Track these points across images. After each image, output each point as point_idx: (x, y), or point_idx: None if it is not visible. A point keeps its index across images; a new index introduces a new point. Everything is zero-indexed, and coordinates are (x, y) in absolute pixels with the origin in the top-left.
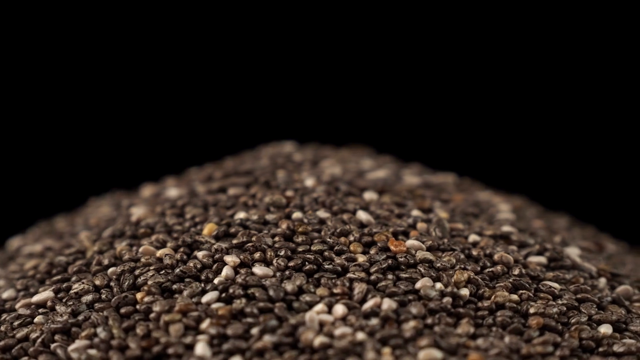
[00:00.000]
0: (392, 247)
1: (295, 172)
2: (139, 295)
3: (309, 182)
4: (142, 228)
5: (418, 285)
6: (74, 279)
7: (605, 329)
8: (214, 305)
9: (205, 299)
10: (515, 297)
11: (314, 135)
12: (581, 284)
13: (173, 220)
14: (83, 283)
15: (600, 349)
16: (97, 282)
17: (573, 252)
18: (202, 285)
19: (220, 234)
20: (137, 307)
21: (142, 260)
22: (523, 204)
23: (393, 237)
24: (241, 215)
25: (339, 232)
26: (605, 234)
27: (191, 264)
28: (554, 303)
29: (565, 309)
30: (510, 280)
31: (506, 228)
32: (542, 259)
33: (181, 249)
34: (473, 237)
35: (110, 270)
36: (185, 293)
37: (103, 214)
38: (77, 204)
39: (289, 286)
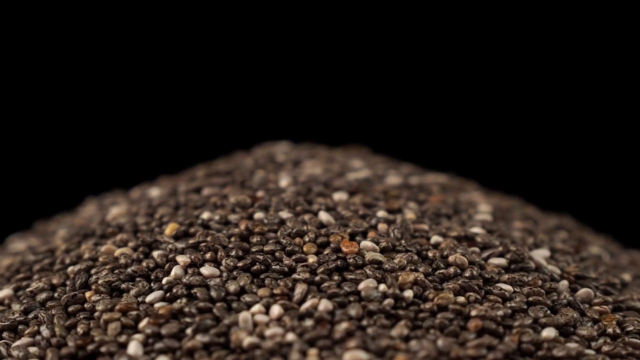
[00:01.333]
0: (343, 248)
1: (273, 173)
2: (87, 294)
3: (283, 182)
4: (110, 227)
5: (361, 286)
6: (35, 277)
7: (548, 333)
8: (157, 305)
9: (149, 298)
10: (462, 299)
11: (318, 135)
12: (536, 287)
13: (142, 219)
14: (40, 281)
15: (539, 353)
16: (54, 281)
17: (541, 254)
18: (150, 284)
19: (180, 234)
20: (85, 305)
21: (100, 259)
22: (516, 204)
23: (350, 238)
24: (205, 215)
25: (295, 232)
26: (604, 234)
27: (144, 264)
28: (500, 305)
29: (511, 311)
30: (459, 282)
31: (475, 229)
32: (502, 261)
33: (140, 249)
34: (435, 239)
35: (70, 269)
36: (132, 292)
37: (88, 213)
38: (79, 203)
39: (231, 286)
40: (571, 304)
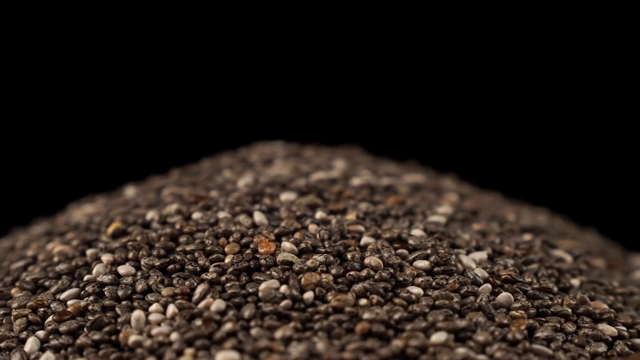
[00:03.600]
0: (260, 249)
1: (239, 173)
2: (13, 291)
3: (241, 183)
4: (66, 226)
5: (262, 287)
6: None
7: (437, 337)
8: (69, 302)
9: (63, 295)
10: (364, 301)
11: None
12: (452, 290)
13: (98, 218)
14: None
15: (423, 357)
16: None
17: (477, 256)
18: (71, 282)
19: (118, 233)
20: (8, 302)
21: (40, 257)
22: (492, 204)
23: (276, 238)
24: (149, 215)
25: (222, 232)
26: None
27: (73, 262)
28: (400, 309)
29: (410, 315)
30: (365, 284)
31: (416, 231)
32: (425, 264)
33: (79, 247)
34: (365, 240)
35: (13, 266)
36: (52, 289)
37: (71, 213)
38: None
39: (139, 286)
40: (482, 308)
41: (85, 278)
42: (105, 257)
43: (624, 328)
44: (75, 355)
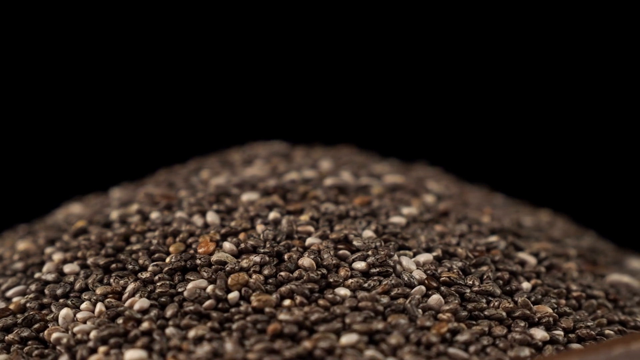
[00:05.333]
0: (199, 249)
1: (215, 173)
2: None
3: (213, 183)
4: (42, 225)
5: (189, 286)
6: None
7: (347, 339)
8: (14, 299)
9: (10, 292)
10: (287, 302)
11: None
12: (377, 292)
13: (74, 218)
14: None
15: (328, 359)
16: None
17: (422, 258)
18: (20, 280)
19: (79, 232)
20: None
21: (6, 254)
22: (481, 202)
23: (221, 238)
24: (113, 215)
25: (170, 232)
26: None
27: (30, 260)
28: (320, 310)
29: (328, 316)
30: (288, 286)
31: (367, 232)
32: (362, 265)
33: (42, 246)
34: (310, 240)
35: None
36: (3, 286)
37: (56, 212)
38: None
39: (77, 284)
40: (407, 311)
41: (36, 276)
42: (57, 256)
43: (561, 333)
44: (1, 351)
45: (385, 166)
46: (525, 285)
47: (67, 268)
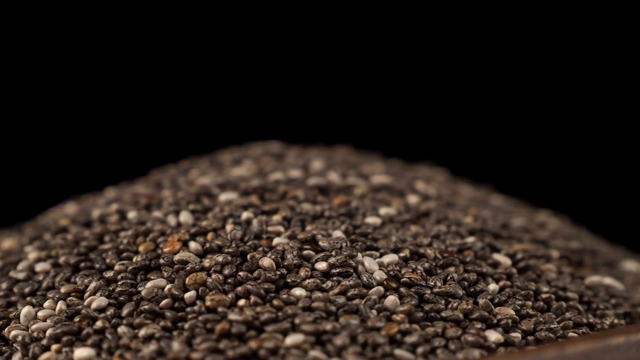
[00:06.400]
0: (164, 249)
1: (202, 173)
2: None
3: (197, 183)
4: (31, 224)
5: (148, 285)
6: None
7: (293, 339)
8: None
9: None
10: (242, 302)
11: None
12: (333, 292)
13: (61, 217)
14: None
15: (271, 359)
16: None
17: (387, 259)
18: None
19: (59, 231)
20: None
21: None
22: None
23: (190, 238)
24: (94, 214)
25: (142, 232)
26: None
27: (9, 259)
28: (273, 310)
29: (278, 317)
30: (247, 285)
31: (336, 233)
32: (324, 265)
33: (24, 244)
34: (277, 240)
35: None
36: None
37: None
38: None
39: (44, 282)
40: (359, 312)
41: (10, 274)
42: (32, 255)
43: (519, 335)
44: None
45: (378, 166)
46: (492, 286)
47: (39, 267)
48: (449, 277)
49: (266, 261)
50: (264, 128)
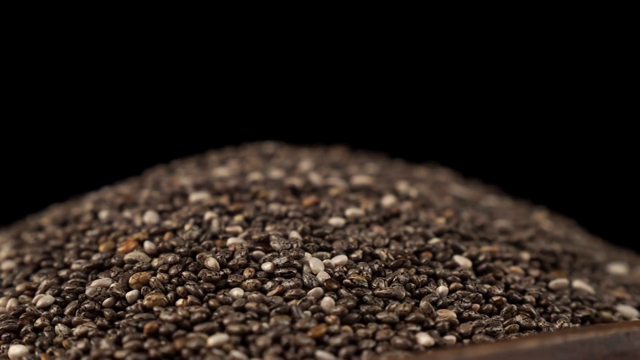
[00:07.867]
0: (119, 248)
1: (185, 174)
2: None
3: (177, 183)
4: (21, 224)
5: (93, 284)
6: None
7: (215, 340)
8: None
9: None
10: (180, 302)
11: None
12: (269, 294)
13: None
14: None
15: (191, 359)
16: None
17: (336, 260)
18: None
19: (37, 230)
20: None
21: None
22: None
23: (149, 237)
24: (73, 213)
25: (105, 231)
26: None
27: None
28: (206, 310)
29: (207, 316)
30: (185, 286)
31: (294, 233)
32: (268, 265)
33: (6, 242)
34: (232, 240)
35: None
36: None
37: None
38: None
39: (4, 281)
40: (291, 312)
41: None
42: (3, 253)
43: (453, 338)
44: None
45: (368, 167)
46: (442, 289)
47: (5, 265)
48: (394, 279)
49: (210, 261)
50: (269, 129)
